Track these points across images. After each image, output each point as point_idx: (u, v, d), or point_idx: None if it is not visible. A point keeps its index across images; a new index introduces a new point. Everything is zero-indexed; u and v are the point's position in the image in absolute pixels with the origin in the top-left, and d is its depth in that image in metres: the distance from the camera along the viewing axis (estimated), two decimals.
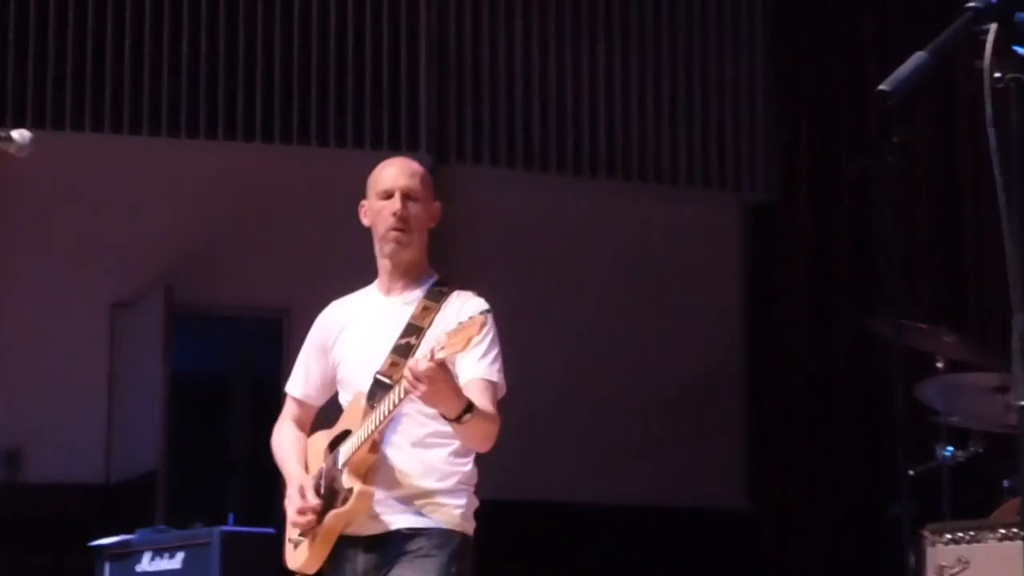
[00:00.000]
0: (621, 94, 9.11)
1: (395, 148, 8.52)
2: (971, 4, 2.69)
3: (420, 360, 4.27)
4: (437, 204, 4.76)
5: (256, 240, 8.37)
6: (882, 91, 2.63)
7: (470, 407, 4.37)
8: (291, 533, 4.70)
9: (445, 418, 4.39)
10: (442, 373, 4.27)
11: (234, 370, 8.72)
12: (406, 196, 4.68)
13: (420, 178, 4.75)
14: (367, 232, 4.94)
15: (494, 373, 4.57)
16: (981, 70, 5.78)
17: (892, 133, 6.67)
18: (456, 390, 4.36)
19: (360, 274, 8.74)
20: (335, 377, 4.79)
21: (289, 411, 4.90)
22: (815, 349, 8.84)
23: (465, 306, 4.59)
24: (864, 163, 7.29)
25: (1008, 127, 2.73)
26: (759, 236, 9.27)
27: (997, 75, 2.72)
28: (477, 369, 4.54)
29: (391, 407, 4.45)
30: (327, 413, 4.95)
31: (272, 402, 8.22)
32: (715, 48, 9.30)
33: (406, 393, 4.34)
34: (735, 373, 9.14)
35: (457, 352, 4.27)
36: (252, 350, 8.61)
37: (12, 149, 4.12)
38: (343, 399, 4.77)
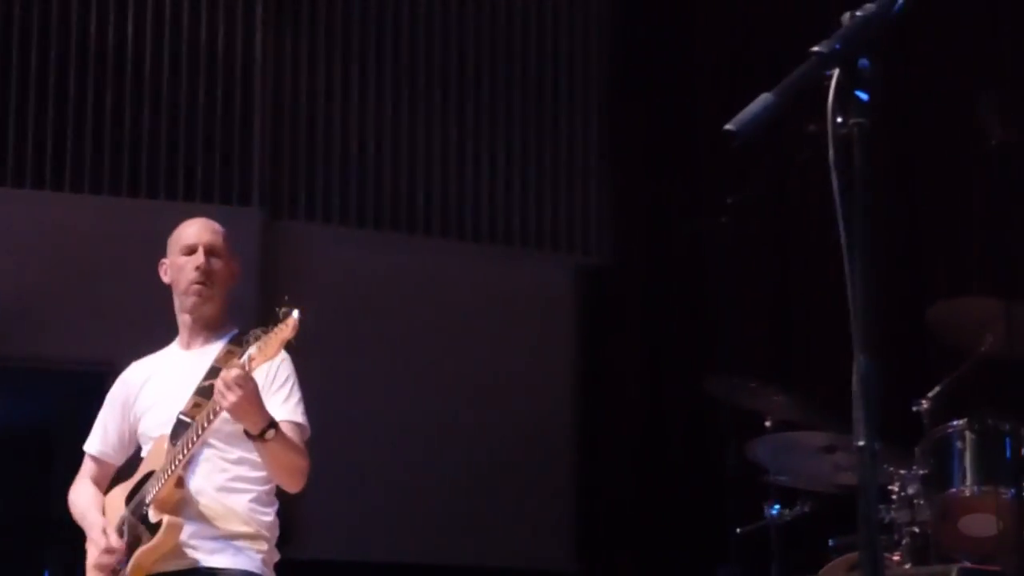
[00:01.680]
0: (456, 153, 9.12)
1: (227, 202, 8.43)
2: (816, 49, 2.72)
3: (232, 368, 4.34)
4: (237, 260, 4.90)
5: (80, 293, 8.20)
6: (728, 131, 2.65)
7: (274, 424, 4.43)
8: None
9: (249, 436, 4.44)
10: (251, 382, 4.34)
11: (56, 425, 8.52)
12: (209, 252, 4.80)
13: (223, 236, 4.88)
14: None
15: (299, 415, 4.64)
16: (812, 135, 5.89)
17: (726, 194, 6.76)
18: (261, 406, 4.42)
19: None
20: (135, 433, 4.84)
21: (86, 469, 4.93)
22: (647, 410, 8.88)
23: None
24: (699, 223, 7.36)
25: (850, 171, 2.76)
26: (592, 297, 9.31)
27: (839, 120, 2.75)
28: (282, 411, 4.60)
29: (198, 432, 4.49)
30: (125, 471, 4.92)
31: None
32: (550, 110, 9.35)
33: (215, 413, 4.41)
34: (566, 434, 9.15)
35: (269, 357, 4.34)
36: (75, 405, 8.41)
37: None
38: (145, 451, 4.79)
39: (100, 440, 4.91)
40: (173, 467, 4.55)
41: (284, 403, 4.62)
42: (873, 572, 2.64)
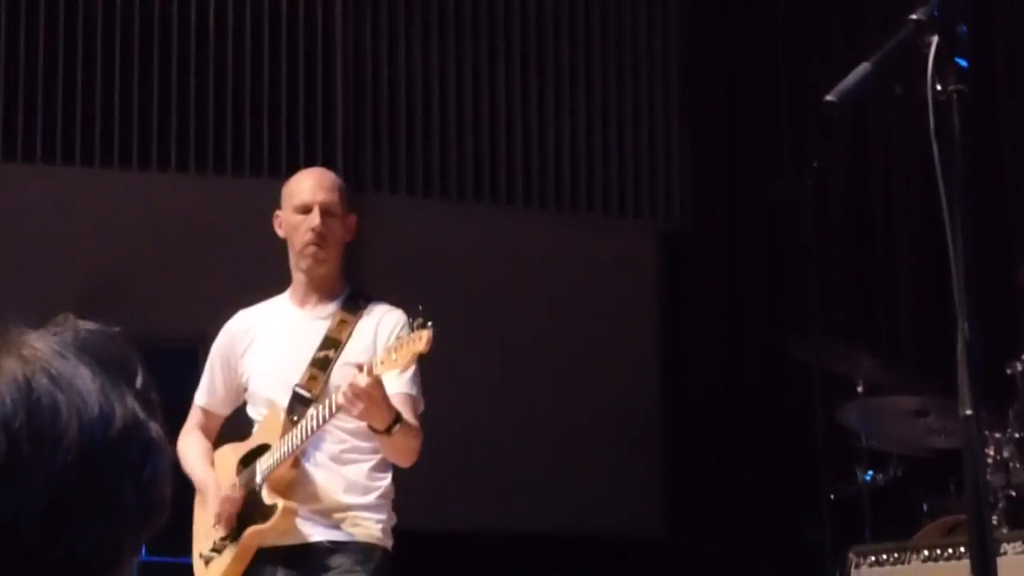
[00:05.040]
0: (537, 121, 9.11)
1: None
2: (914, 16, 2.71)
3: (359, 376, 4.26)
4: (353, 217, 4.77)
5: (171, 269, 8.27)
6: (829, 102, 2.64)
7: (399, 419, 4.37)
8: (202, 548, 4.65)
9: (374, 431, 4.37)
10: (380, 389, 4.27)
11: None
12: (324, 211, 4.65)
13: (339, 191, 4.76)
14: (282, 262, 4.86)
15: (415, 387, 4.57)
16: (898, 94, 5.83)
17: (808, 157, 6.73)
18: (388, 406, 4.35)
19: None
20: (241, 388, 4.75)
21: (195, 420, 4.85)
22: (730, 375, 8.86)
23: (385, 318, 4.62)
24: (783, 187, 7.32)
25: (950, 139, 2.75)
26: (674, 263, 9.29)
27: (939, 87, 2.74)
28: (399, 383, 4.52)
29: (319, 422, 4.42)
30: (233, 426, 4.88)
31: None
32: (630, 77, 9.32)
33: (338, 408, 4.32)
34: (650, 399, 9.14)
35: (401, 367, 4.26)
36: (165, 380, 8.48)
37: None
38: (254, 412, 4.74)
39: (207, 392, 4.83)
40: (290, 447, 4.48)
41: (400, 375, 4.49)
42: (981, 540, 2.64)
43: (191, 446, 4.78)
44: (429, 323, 4.27)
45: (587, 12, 9.29)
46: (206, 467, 4.72)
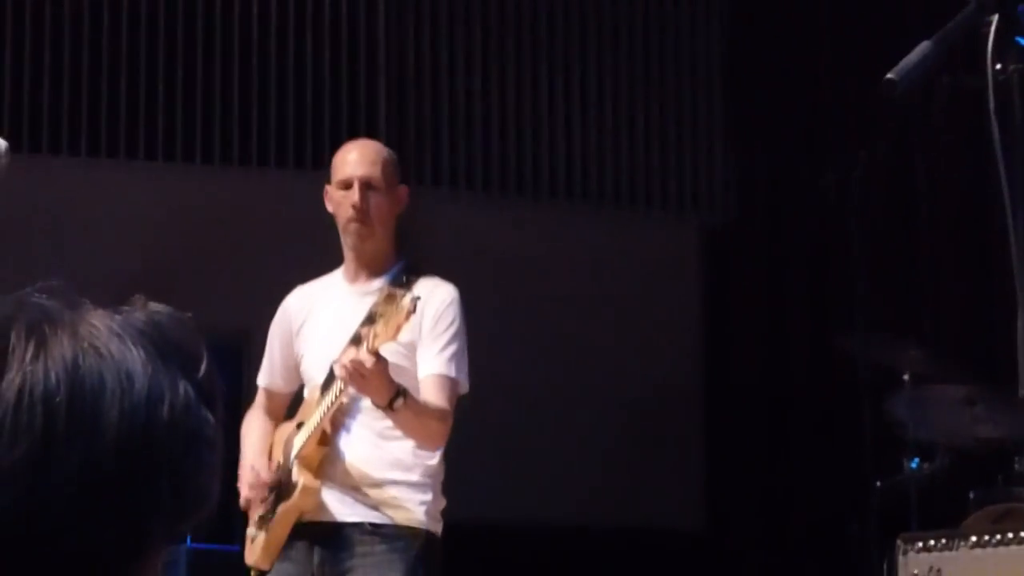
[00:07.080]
0: (578, 116, 9.12)
1: None
2: None
3: (350, 351, 4.17)
4: (402, 188, 4.60)
5: (212, 263, 8.31)
6: (889, 80, 2.63)
7: (400, 393, 4.22)
8: (248, 529, 4.61)
9: (376, 406, 4.26)
10: (376, 364, 4.13)
11: None
12: (366, 186, 4.50)
13: (382, 165, 4.58)
14: (326, 255, 4.81)
15: (452, 368, 4.40)
16: (949, 85, 5.81)
17: (851, 149, 6.72)
18: (385, 381, 4.20)
19: None
20: (298, 366, 4.65)
21: (259, 401, 4.78)
22: (774, 367, 8.85)
23: (431, 292, 4.43)
24: (830, 178, 7.31)
25: (1010, 119, 2.75)
26: (716, 257, 9.28)
27: (999, 67, 2.74)
28: (434, 364, 4.40)
29: (334, 398, 4.33)
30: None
31: (232, 426, 8.18)
32: (671, 70, 9.32)
33: (345, 384, 4.24)
34: (693, 393, 9.14)
35: (387, 340, 4.12)
36: None
37: None
38: (305, 391, 4.65)
39: (268, 372, 4.73)
40: (316, 423, 4.40)
41: (437, 354, 4.38)
42: None
43: (248, 426, 4.72)
44: (415, 296, 4.12)
45: (629, 5, 9.29)
46: (252, 446, 4.66)
